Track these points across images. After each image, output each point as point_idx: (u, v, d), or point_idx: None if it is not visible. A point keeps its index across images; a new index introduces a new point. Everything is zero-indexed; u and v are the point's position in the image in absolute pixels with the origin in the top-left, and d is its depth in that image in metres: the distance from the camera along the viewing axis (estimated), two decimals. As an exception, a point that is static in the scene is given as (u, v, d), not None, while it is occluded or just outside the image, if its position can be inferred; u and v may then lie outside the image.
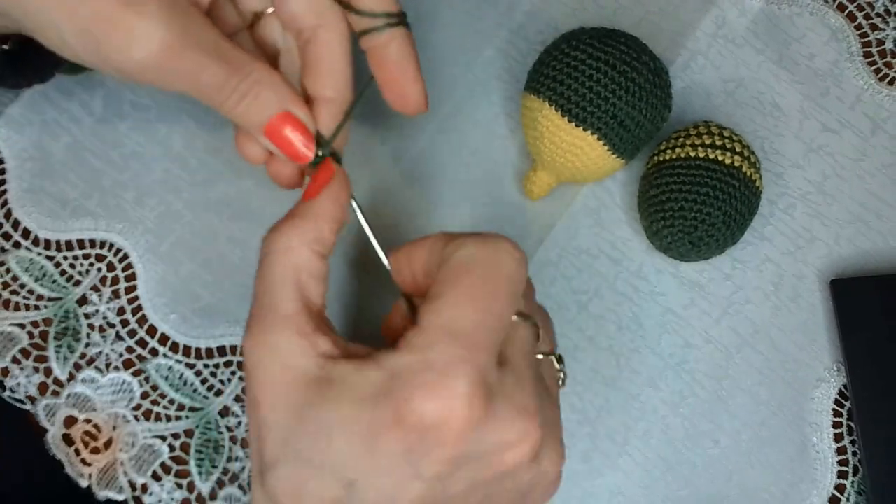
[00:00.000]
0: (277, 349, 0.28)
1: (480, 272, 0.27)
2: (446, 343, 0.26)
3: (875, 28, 0.45)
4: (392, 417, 0.25)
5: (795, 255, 0.42)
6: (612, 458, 0.40)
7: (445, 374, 0.25)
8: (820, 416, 0.41)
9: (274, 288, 0.29)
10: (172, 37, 0.27)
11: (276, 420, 0.27)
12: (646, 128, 0.39)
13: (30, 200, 0.42)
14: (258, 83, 0.30)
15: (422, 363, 0.25)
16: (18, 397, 0.41)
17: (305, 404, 0.26)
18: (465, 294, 0.27)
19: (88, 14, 0.26)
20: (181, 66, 0.28)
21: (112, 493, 0.40)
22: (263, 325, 0.28)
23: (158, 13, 0.27)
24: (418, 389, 0.25)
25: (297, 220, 0.30)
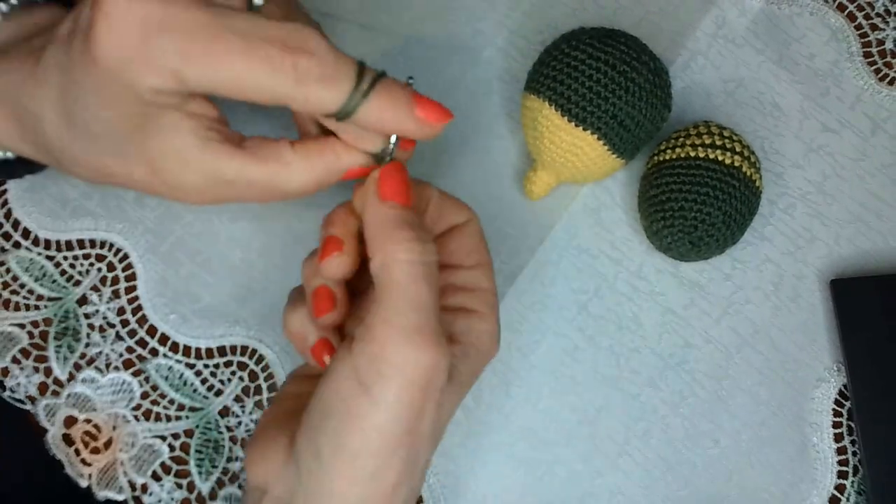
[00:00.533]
0: (446, 358, 0.28)
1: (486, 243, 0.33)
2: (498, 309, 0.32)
3: (875, 28, 0.45)
4: (480, 371, 0.32)
5: (795, 255, 0.42)
6: (612, 457, 0.40)
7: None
8: (820, 416, 0.41)
9: (437, 296, 0.29)
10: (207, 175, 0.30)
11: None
12: (646, 128, 0.39)
13: (30, 200, 0.42)
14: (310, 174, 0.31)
15: (497, 325, 0.32)
16: (18, 397, 0.41)
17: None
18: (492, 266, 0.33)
19: (140, 172, 0.31)
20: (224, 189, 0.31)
21: (112, 493, 0.40)
22: (440, 334, 0.28)
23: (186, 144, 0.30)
24: (497, 346, 0.32)
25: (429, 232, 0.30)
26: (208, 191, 0.30)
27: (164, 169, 0.30)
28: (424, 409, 0.28)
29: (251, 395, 0.41)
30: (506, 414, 0.41)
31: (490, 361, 0.32)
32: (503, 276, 0.42)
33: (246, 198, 0.31)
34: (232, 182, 0.30)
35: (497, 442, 0.41)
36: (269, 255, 0.42)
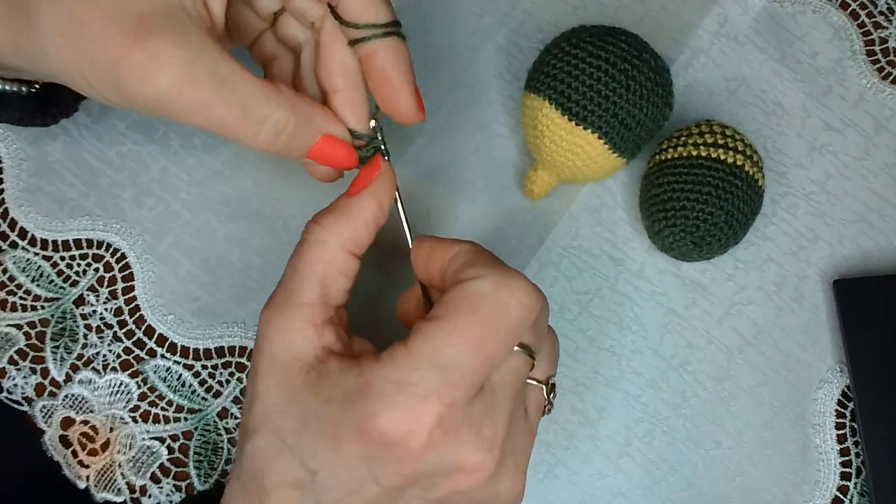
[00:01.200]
0: (286, 331, 0.29)
1: (485, 313, 0.28)
2: (426, 371, 0.27)
3: (878, 26, 0.44)
4: (357, 425, 0.27)
5: (798, 255, 0.42)
6: (614, 459, 0.40)
7: (415, 400, 0.27)
8: (823, 417, 0.41)
9: (300, 275, 0.30)
10: (183, 73, 0.28)
11: (267, 394, 0.29)
12: (647, 126, 0.38)
13: (27, 200, 0.42)
14: (290, 117, 0.30)
15: (397, 383, 0.27)
16: (15, 398, 0.41)
17: (294, 388, 0.28)
18: (462, 331, 0.27)
19: (106, 60, 0.27)
20: (194, 100, 0.28)
21: (110, 494, 0.40)
22: (281, 305, 0.30)
23: (170, 49, 0.27)
24: (386, 407, 0.27)
25: (336, 217, 0.31)
26: (186, 80, 0.28)
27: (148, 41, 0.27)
28: None
29: (250, 396, 0.41)
30: (506, 415, 0.41)
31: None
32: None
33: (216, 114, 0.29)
34: (210, 74, 0.28)
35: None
36: (268, 256, 0.42)
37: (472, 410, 0.28)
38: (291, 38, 0.35)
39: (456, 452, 0.27)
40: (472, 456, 0.28)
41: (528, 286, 0.29)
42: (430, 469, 0.27)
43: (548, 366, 0.32)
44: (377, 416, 0.27)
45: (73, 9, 0.27)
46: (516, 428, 0.30)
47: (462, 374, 0.27)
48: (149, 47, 0.27)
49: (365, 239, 0.31)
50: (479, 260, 0.30)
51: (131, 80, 0.27)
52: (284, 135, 0.30)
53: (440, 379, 0.27)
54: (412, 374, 0.27)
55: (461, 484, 0.28)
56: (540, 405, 0.32)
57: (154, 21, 0.27)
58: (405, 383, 0.27)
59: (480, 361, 0.27)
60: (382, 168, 0.32)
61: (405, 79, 0.32)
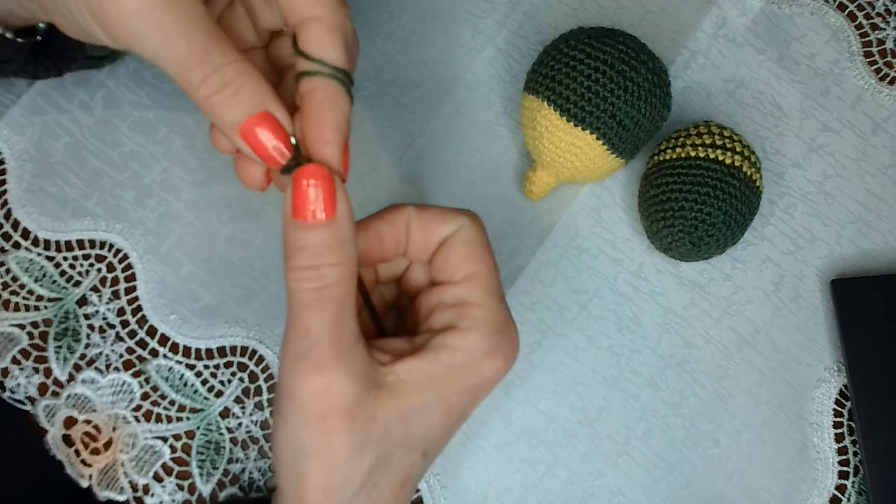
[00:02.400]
0: (354, 374, 0.28)
1: (489, 245, 0.32)
2: (502, 310, 0.31)
3: (875, 28, 0.44)
4: (472, 385, 0.30)
5: (796, 255, 0.42)
6: (613, 458, 0.40)
7: (510, 334, 0.31)
8: (820, 416, 0.41)
9: (343, 318, 0.29)
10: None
11: (358, 439, 0.29)
12: (645, 127, 0.38)
13: (30, 201, 0.42)
14: (241, 74, 0.29)
15: (494, 335, 0.30)
16: (18, 398, 0.41)
17: (381, 409, 0.29)
18: (493, 267, 0.32)
19: None
20: (161, 25, 0.27)
21: (113, 493, 0.40)
22: (338, 356, 0.28)
23: None
24: (497, 355, 0.30)
25: (347, 246, 0.29)
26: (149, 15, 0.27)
27: None
28: (329, 430, 0.28)
29: (251, 396, 0.41)
30: (506, 414, 0.41)
31: (492, 376, 0.31)
32: (503, 277, 0.42)
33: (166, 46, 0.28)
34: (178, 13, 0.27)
35: (497, 442, 0.41)
36: (269, 256, 0.42)
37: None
38: (282, 61, 0.34)
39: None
40: (512, 356, 0.32)
41: (475, 214, 0.32)
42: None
43: None
44: (493, 365, 0.30)
45: None
46: None
47: (502, 298, 0.32)
48: None
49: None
50: (439, 215, 0.32)
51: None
52: (229, 90, 0.28)
53: (507, 308, 0.32)
54: (498, 319, 0.31)
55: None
56: None
57: None
58: (500, 328, 0.31)
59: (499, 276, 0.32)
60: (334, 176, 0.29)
61: (336, 128, 0.30)
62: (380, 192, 0.43)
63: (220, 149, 0.33)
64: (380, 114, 0.43)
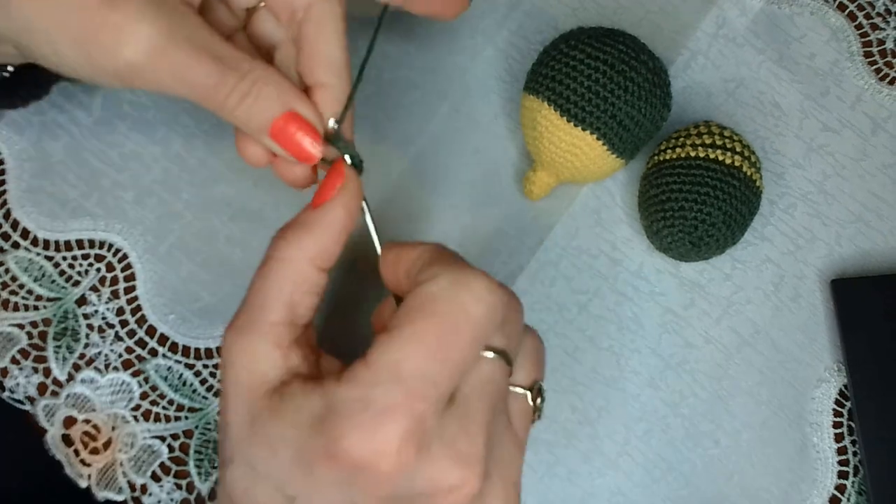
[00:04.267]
0: (250, 353, 0.28)
1: (441, 315, 0.26)
2: (388, 385, 0.25)
3: (875, 28, 0.44)
4: (324, 449, 0.25)
5: (796, 255, 0.42)
6: (613, 458, 0.40)
7: (380, 417, 0.24)
8: (820, 416, 0.41)
9: (265, 295, 0.28)
10: (160, 35, 0.27)
11: (235, 421, 0.27)
12: (645, 127, 0.38)
13: (29, 201, 0.42)
14: (258, 81, 0.29)
15: (360, 402, 0.25)
16: (18, 398, 0.41)
17: (259, 412, 0.27)
18: (419, 337, 0.25)
19: (77, 22, 0.27)
20: (171, 65, 0.27)
21: (111, 493, 0.40)
22: (246, 326, 0.28)
23: (145, 12, 0.27)
24: (352, 428, 0.25)
25: (301, 232, 0.29)
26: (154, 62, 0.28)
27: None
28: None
29: (251, 395, 0.41)
30: (506, 414, 0.41)
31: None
32: (503, 277, 0.42)
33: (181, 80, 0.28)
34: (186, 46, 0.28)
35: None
36: (269, 256, 0.42)
37: (444, 424, 0.25)
38: (265, 38, 0.34)
39: (430, 471, 0.25)
40: (449, 474, 0.25)
41: (488, 282, 0.26)
42: (406, 490, 0.25)
43: (531, 368, 0.29)
44: (343, 438, 0.24)
45: None
46: (500, 440, 0.27)
47: (425, 384, 0.25)
48: (123, 10, 0.26)
49: (333, 252, 0.29)
50: (436, 260, 0.27)
51: (105, 45, 0.26)
52: (249, 99, 0.29)
53: (402, 392, 0.25)
54: (373, 390, 0.25)
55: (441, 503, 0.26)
56: (526, 413, 0.29)
57: None
58: (367, 400, 0.25)
59: (444, 368, 0.25)
60: (347, 175, 0.30)
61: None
62: (379, 193, 0.43)
63: (250, 161, 0.32)
64: (379, 114, 0.43)
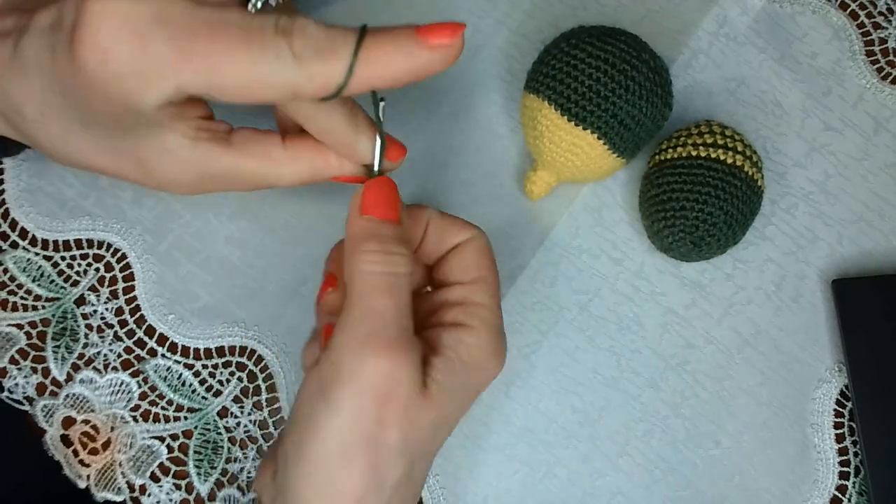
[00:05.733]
0: (412, 364, 0.28)
1: (493, 258, 0.33)
2: (500, 315, 0.32)
3: (877, 27, 0.44)
4: (476, 387, 0.31)
5: (797, 255, 0.42)
6: (613, 458, 0.40)
7: (503, 346, 0.31)
8: (821, 416, 0.41)
9: (406, 307, 0.29)
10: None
11: (400, 435, 0.28)
12: (646, 127, 0.38)
13: (27, 200, 0.42)
14: (300, 174, 0.32)
15: (497, 335, 0.31)
16: (17, 398, 0.41)
17: (414, 409, 0.29)
18: (496, 279, 0.32)
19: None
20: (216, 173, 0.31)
21: (110, 494, 0.40)
22: (402, 342, 0.28)
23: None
24: (494, 361, 0.31)
25: (407, 245, 0.30)
26: (197, 184, 0.31)
27: (155, 167, 0.30)
28: (385, 419, 0.27)
29: (250, 395, 0.41)
30: (506, 415, 0.41)
31: (490, 378, 0.31)
32: (503, 277, 0.42)
33: (235, 188, 0.32)
34: (221, 176, 0.31)
35: (497, 443, 0.40)
36: (268, 255, 0.42)
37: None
38: None
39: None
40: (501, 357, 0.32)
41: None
42: None
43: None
44: (493, 369, 0.31)
45: None
46: None
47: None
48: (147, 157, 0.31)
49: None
50: (457, 222, 0.33)
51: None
52: (300, 182, 0.32)
53: (500, 310, 0.32)
54: (498, 322, 0.32)
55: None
56: None
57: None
58: (499, 331, 0.32)
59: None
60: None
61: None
62: (379, 191, 0.42)
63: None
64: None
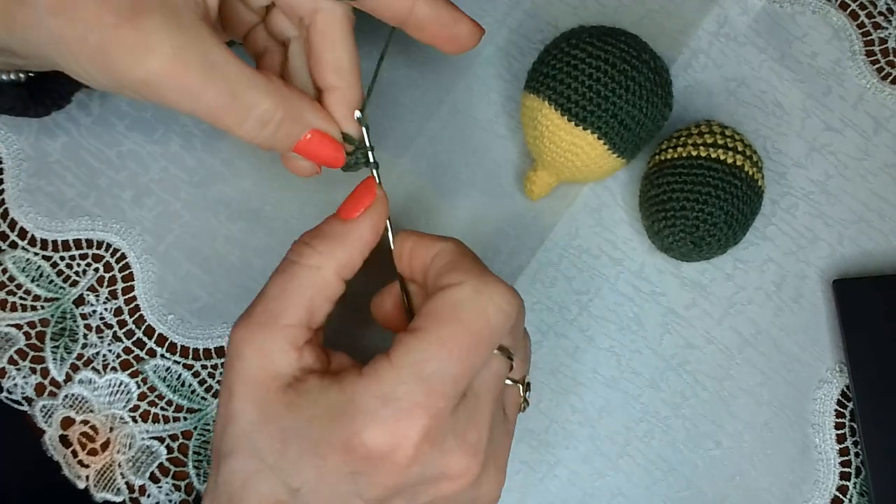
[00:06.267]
0: (265, 351, 0.29)
1: (466, 322, 0.28)
2: (409, 384, 0.27)
3: (877, 27, 0.44)
4: (342, 442, 0.27)
5: (798, 255, 0.42)
6: (613, 459, 0.40)
7: (401, 415, 0.27)
8: (822, 417, 0.41)
9: (287, 297, 0.29)
10: (175, 53, 0.28)
11: (243, 414, 0.28)
12: (647, 127, 0.38)
13: (27, 200, 0.42)
14: (277, 108, 0.30)
15: (381, 398, 0.27)
16: (15, 398, 0.41)
17: (272, 406, 0.28)
18: (444, 341, 0.28)
19: (97, 39, 0.27)
20: (184, 84, 0.28)
21: (110, 494, 0.40)
22: (261, 324, 0.29)
23: (162, 31, 0.27)
24: (372, 422, 0.27)
25: (331, 243, 0.30)
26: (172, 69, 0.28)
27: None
28: (234, 393, 0.29)
29: (250, 396, 0.41)
30: (506, 415, 0.41)
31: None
32: (503, 277, 0.41)
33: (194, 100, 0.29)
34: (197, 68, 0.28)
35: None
36: (267, 255, 0.42)
37: (457, 417, 0.28)
38: (281, 33, 0.35)
39: (442, 461, 0.28)
40: (457, 463, 0.28)
41: (508, 292, 0.29)
42: (415, 479, 0.28)
43: (522, 365, 0.33)
44: (362, 431, 0.27)
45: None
46: (497, 430, 0.30)
47: (446, 384, 0.27)
48: (140, 28, 0.27)
49: (357, 265, 0.31)
50: (459, 264, 0.30)
51: (121, 61, 0.27)
52: (272, 125, 0.30)
53: (424, 391, 0.27)
54: (396, 388, 0.27)
55: (446, 490, 0.28)
56: (517, 404, 0.33)
57: (147, 3, 0.27)
58: (389, 397, 0.27)
59: (463, 369, 0.28)
60: (378, 195, 0.32)
61: (454, 10, 0.32)
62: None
63: (301, 174, 0.34)
64: (379, 113, 0.43)
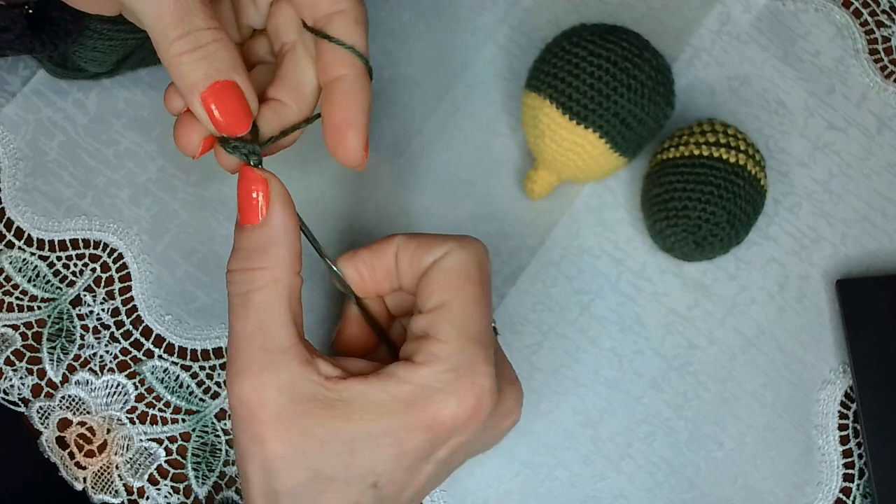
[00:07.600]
0: (281, 384, 0.28)
1: (476, 276, 0.30)
2: (467, 349, 0.29)
3: (881, 25, 0.44)
4: (425, 423, 0.28)
5: (801, 255, 0.42)
6: (615, 461, 0.40)
7: (473, 377, 0.29)
8: (825, 418, 0.40)
9: (267, 324, 0.29)
10: None
11: (289, 450, 0.28)
12: (648, 125, 0.38)
13: (23, 200, 0.42)
14: (217, 41, 0.28)
15: (451, 371, 0.29)
16: (12, 400, 0.40)
17: (319, 427, 0.28)
18: (471, 300, 0.30)
19: None
20: None
21: (107, 496, 0.40)
22: (261, 363, 0.29)
23: None
24: (451, 396, 0.28)
25: (267, 251, 0.29)
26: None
27: None
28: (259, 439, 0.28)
29: (248, 397, 0.41)
30: (507, 416, 0.40)
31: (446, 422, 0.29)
32: (504, 277, 0.41)
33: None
34: None
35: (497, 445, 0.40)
36: (267, 256, 0.42)
37: (498, 361, 0.31)
38: (256, 59, 0.34)
39: (501, 402, 0.31)
40: (511, 398, 0.32)
41: (476, 240, 0.32)
42: (484, 427, 0.30)
43: None
44: (444, 408, 0.28)
45: None
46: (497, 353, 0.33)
47: (488, 332, 0.30)
48: None
49: (299, 247, 0.30)
50: (423, 242, 0.31)
51: None
52: (202, 52, 0.28)
53: (480, 348, 0.29)
54: (459, 357, 0.29)
55: (508, 424, 0.33)
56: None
57: None
58: (459, 368, 0.29)
59: (489, 313, 0.30)
60: (268, 177, 0.30)
61: (362, 115, 0.31)
62: (378, 191, 0.42)
63: (170, 109, 0.31)
64: (379, 112, 0.43)
